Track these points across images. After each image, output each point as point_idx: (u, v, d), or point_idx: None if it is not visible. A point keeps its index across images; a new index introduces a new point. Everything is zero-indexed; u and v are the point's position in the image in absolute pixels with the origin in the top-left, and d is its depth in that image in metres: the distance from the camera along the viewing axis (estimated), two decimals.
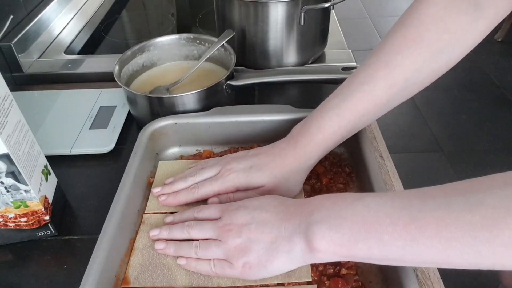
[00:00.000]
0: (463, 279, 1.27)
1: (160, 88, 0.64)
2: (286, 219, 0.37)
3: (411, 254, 0.30)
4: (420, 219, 0.29)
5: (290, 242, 0.36)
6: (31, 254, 0.47)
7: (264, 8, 0.66)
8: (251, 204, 0.40)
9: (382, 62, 0.42)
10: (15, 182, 0.43)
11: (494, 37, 2.39)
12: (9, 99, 0.42)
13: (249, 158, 0.46)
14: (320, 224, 0.34)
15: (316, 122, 0.45)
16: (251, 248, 0.37)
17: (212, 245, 0.40)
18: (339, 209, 0.33)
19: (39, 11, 0.82)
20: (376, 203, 0.32)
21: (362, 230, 0.31)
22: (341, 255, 0.33)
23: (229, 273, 0.39)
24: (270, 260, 0.37)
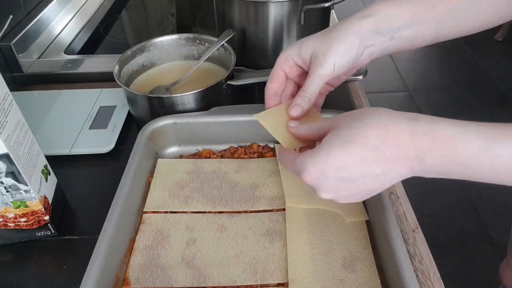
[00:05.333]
0: (463, 279, 1.27)
1: (160, 88, 0.64)
2: (389, 166, 0.32)
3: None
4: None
5: (394, 181, 0.34)
6: (31, 254, 0.47)
7: (264, 8, 0.66)
8: (350, 176, 0.34)
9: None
10: (15, 182, 0.43)
11: (494, 37, 2.39)
12: (9, 99, 0.42)
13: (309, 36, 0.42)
14: (438, 169, 0.31)
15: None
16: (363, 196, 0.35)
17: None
18: (462, 158, 0.30)
19: (38, 11, 0.82)
20: (510, 153, 0.29)
21: (490, 175, 0.30)
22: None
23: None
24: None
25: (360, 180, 0.33)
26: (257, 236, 0.46)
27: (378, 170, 0.32)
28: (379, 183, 0.33)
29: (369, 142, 0.32)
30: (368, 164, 0.32)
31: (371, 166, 0.32)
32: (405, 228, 0.49)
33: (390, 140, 0.31)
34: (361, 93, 0.70)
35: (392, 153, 0.32)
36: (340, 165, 0.33)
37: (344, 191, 0.34)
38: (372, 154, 0.32)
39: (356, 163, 0.32)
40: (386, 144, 0.31)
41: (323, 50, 0.40)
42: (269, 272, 0.42)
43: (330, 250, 0.44)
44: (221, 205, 0.49)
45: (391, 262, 0.40)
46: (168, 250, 0.44)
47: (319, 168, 0.33)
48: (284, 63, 0.42)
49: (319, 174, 0.34)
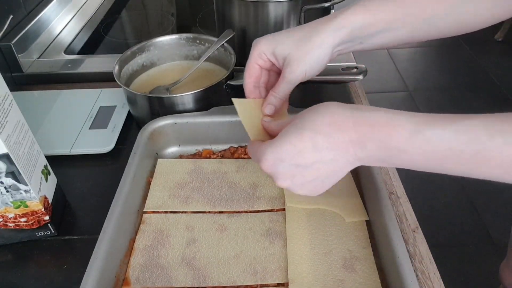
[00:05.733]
0: (463, 279, 1.27)
1: (160, 88, 0.64)
2: (337, 151, 0.35)
3: (469, 175, 0.31)
4: (486, 154, 0.29)
5: (345, 168, 0.36)
6: (31, 254, 0.47)
7: (264, 8, 0.66)
8: (299, 162, 0.36)
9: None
10: (15, 182, 0.43)
11: (494, 37, 2.39)
12: (9, 99, 0.42)
13: (282, 31, 0.45)
14: (376, 154, 0.33)
15: (359, 2, 0.42)
16: (315, 185, 0.37)
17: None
18: (396, 142, 0.32)
19: (38, 11, 0.82)
20: (438, 136, 0.31)
21: (422, 160, 0.32)
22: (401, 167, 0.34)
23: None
24: (329, 183, 0.37)
25: (313, 166, 0.35)
26: (257, 236, 0.46)
27: (329, 155, 0.34)
28: (330, 170, 0.35)
29: (319, 128, 0.34)
30: (320, 149, 0.34)
31: (322, 151, 0.34)
32: (405, 228, 0.49)
33: (337, 126, 0.34)
34: (361, 93, 0.70)
35: (339, 137, 0.34)
36: (294, 151, 0.35)
37: (299, 177, 0.36)
38: (322, 139, 0.34)
39: (308, 149, 0.34)
40: (333, 130, 0.34)
41: (297, 58, 0.42)
42: (269, 272, 0.42)
43: (330, 250, 0.44)
44: (221, 205, 0.49)
45: (391, 262, 0.40)
46: (168, 250, 0.44)
47: (276, 154, 0.36)
48: (258, 58, 0.45)
49: (276, 161, 0.36)
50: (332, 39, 0.42)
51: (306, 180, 0.36)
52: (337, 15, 0.42)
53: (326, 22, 0.42)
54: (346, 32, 0.42)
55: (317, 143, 0.34)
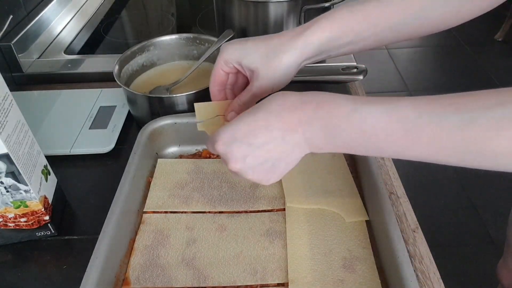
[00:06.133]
0: (463, 279, 1.27)
1: (160, 88, 0.64)
2: (286, 130, 0.36)
3: (403, 156, 0.33)
4: (414, 132, 0.31)
5: (295, 151, 0.37)
6: (31, 254, 0.47)
7: (264, 8, 0.66)
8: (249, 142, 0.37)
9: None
10: (15, 182, 0.43)
11: (494, 37, 2.39)
12: (9, 99, 0.42)
13: (247, 38, 0.45)
14: (320, 133, 0.35)
15: (326, 13, 0.43)
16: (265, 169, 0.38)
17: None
18: (336, 120, 0.34)
19: (39, 11, 0.82)
20: (372, 115, 0.33)
21: (360, 139, 0.34)
22: (344, 152, 0.36)
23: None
24: (280, 168, 0.38)
25: (265, 146, 0.36)
26: (257, 236, 0.46)
27: (279, 134, 0.36)
28: (280, 150, 0.36)
29: (271, 108, 0.36)
30: (271, 129, 0.36)
31: (273, 131, 0.36)
32: (405, 228, 0.49)
33: (287, 106, 0.36)
34: (361, 93, 0.70)
35: (288, 117, 0.35)
36: (248, 129, 0.36)
37: (250, 158, 0.37)
38: (274, 119, 0.36)
39: (261, 128, 0.36)
40: (284, 109, 0.36)
41: (264, 75, 0.43)
42: (269, 272, 0.42)
43: (330, 250, 0.44)
44: (221, 205, 0.49)
45: (391, 262, 0.40)
46: (168, 250, 0.44)
47: (230, 133, 0.37)
48: (224, 66, 0.46)
49: (229, 140, 0.37)
50: (299, 57, 0.43)
51: (258, 162, 0.37)
52: (305, 30, 0.42)
53: (293, 38, 0.43)
54: (314, 48, 0.43)
55: (269, 122, 0.36)
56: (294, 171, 0.52)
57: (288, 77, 0.44)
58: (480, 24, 2.68)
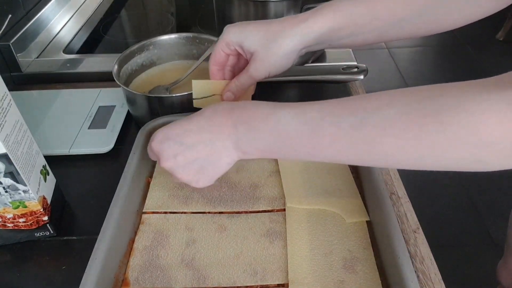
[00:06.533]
0: (464, 279, 1.27)
1: (159, 88, 0.63)
2: (215, 134, 0.39)
3: (314, 157, 0.36)
4: (318, 132, 0.34)
5: (223, 155, 0.39)
6: (30, 255, 0.47)
7: (264, 7, 0.66)
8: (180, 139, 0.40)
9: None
10: (13, 182, 0.42)
11: (496, 36, 2.39)
12: (8, 98, 0.42)
13: (249, 21, 0.46)
14: (244, 136, 0.37)
15: (330, 2, 0.43)
16: (193, 169, 0.40)
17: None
18: (257, 122, 0.37)
19: (37, 10, 0.82)
20: (285, 118, 0.35)
21: (277, 141, 0.36)
22: (268, 157, 0.39)
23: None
24: (213, 169, 0.41)
25: (195, 147, 0.39)
26: (257, 236, 0.45)
27: (208, 136, 0.38)
28: (209, 153, 0.39)
29: (205, 113, 0.39)
30: (202, 131, 0.38)
31: (203, 133, 0.38)
32: (406, 229, 0.48)
33: (218, 111, 0.38)
34: (361, 93, 0.70)
35: (218, 121, 0.38)
36: (181, 130, 0.39)
37: (181, 157, 0.39)
38: (205, 122, 0.38)
39: (193, 130, 0.39)
40: (215, 114, 0.38)
41: (262, 58, 0.44)
42: (269, 273, 0.42)
43: (330, 250, 0.43)
44: (221, 205, 0.49)
45: (392, 262, 0.40)
46: (168, 251, 0.44)
47: (165, 133, 0.40)
48: (225, 46, 0.47)
49: (163, 139, 0.40)
50: (299, 43, 0.43)
51: (188, 161, 0.39)
52: (307, 18, 0.42)
53: (294, 24, 0.43)
54: (314, 36, 0.43)
55: (200, 125, 0.38)
56: (294, 171, 0.52)
57: (286, 63, 0.45)
58: (481, 24, 2.67)
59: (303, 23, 0.42)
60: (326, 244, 0.44)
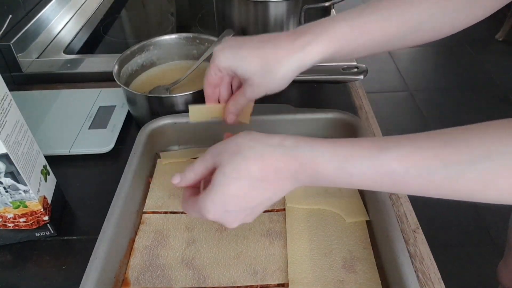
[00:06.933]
0: (463, 279, 1.27)
1: (159, 88, 0.63)
2: (276, 188, 0.36)
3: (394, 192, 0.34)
4: (403, 184, 0.32)
5: (286, 194, 0.37)
6: (30, 255, 0.47)
7: (264, 7, 0.66)
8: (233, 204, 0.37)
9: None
10: (14, 182, 0.42)
11: (495, 36, 2.39)
12: (8, 98, 0.42)
13: (240, 40, 0.44)
14: (308, 183, 0.36)
15: (325, 25, 0.42)
16: (251, 217, 0.39)
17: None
18: (324, 177, 0.34)
19: (38, 10, 0.82)
20: (360, 172, 0.33)
21: (352, 186, 0.35)
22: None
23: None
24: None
25: (259, 205, 0.37)
26: (257, 236, 0.46)
27: (269, 194, 0.36)
28: (273, 201, 0.37)
29: (254, 175, 0.35)
30: (260, 192, 0.36)
31: (263, 193, 0.36)
32: (406, 229, 0.49)
33: (269, 169, 0.35)
34: (361, 93, 0.70)
35: (274, 178, 0.35)
36: (237, 199, 0.36)
37: (248, 216, 0.38)
38: (260, 184, 0.35)
39: (250, 194, 0.36)
40: (268, 173, 0.35)
41: (260, 83, 0.43)
42: (269, 273, 0.42)
43: (330, 250, 0.43)
44: None
45: (391, 262, 0.40)
46: (168, 251, 0.44)
47: (220, 207, 0.36)
48: (218, 71, 0.45)
49: (222, 213, 0.37)
50: (295, 70, 0.43)
51: (256, 213, 0.38)
52: (303, 47, 0.41)
53: (291, 54, 0.42)
54: (310, 63, 0.43)
55: (257, 187, 0.36)
56: None
57: (283, 85, 0.44)
58: (481, 24, 2.66)
59: (300, 52, 0.41)
60: (326, 244, 0.44)
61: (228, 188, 0.35)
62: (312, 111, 0.56)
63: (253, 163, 0.35)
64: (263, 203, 0.37)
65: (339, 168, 0.33)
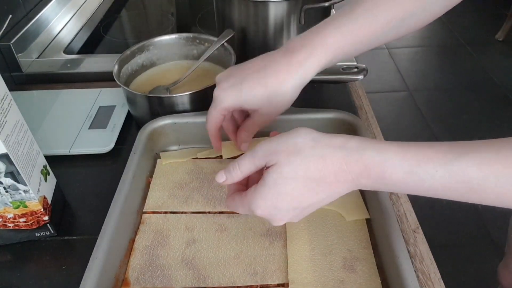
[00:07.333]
0: (463, 279, 1.27)
1: (159, 88, 0.63)
2: (332, 190, 0.35)
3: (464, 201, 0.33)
4: (479, 191, 0.31)
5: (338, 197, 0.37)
6: (30, 255, 0.47)
7: (264, 7, 0.66)
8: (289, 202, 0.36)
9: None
10: (14, 182, 0.42)
11: (495, 37, 2.39)
12: (8, 98, 0.42)
13: (237, 74, 0.44)
14: (369, 185, 0.35)
15: (317, 37, 0.43)
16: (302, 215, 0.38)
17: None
18: (391, 181, 0.33)
19: (38, 10, 0.82)
20: (432, 178, 0.31)
21: (414, 192, 0.33)
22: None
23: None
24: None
25: (310, 207, 0.37)
26: (257, 236, 0.46)
27: (324, 196, 0.36)
28: (324, 203, 0.37)
29: (313, 176, 0.34)
30: (315, 193, 0.35)
31: (318, 194, 0.36)
32: (406, 228, 0.49)
33: (329, 170, 0.34)
34: (361, 93, 0.70)
35: (332, 180, 0.35)
36: (289, 198, 0.35)
37: (296, 217, 0.38)
38: (316, 185, 0.35)
39: (304, 195, 0.35)
40: (326, 174, 0.34)
41: (269, 111, 0.44)
42: (269, 273, 0.42)
43: (330, 250, 0.43)
44: (221, 205, 0.49)
45: (391, 262, 0.40)
46: (168, 251, 0.44)
47: (271, 204, 0.36)
48: (224, 110, 0.45)
49: (271, 209, 0.36)
50: (299, 87, 0.44)
51: (304, 215, 0.38)
52: (301, 63, 0.42)
53: (291, 73, 0.42)
54: (311, 76, 0.44)
55: (313, 189, 0.35)
56: None
57: (290, 105, 0.45)
58: (480, 24, 2.68)
59: (299, 69, 0.42)
60: (326, 243, 0.44)
61: (283, 188, 0.35)
62: (312, 111, 0.56)
63: (313, 164, 0.34)
64: (315, 204, 0.37)
65: (410, 173, 0.32)
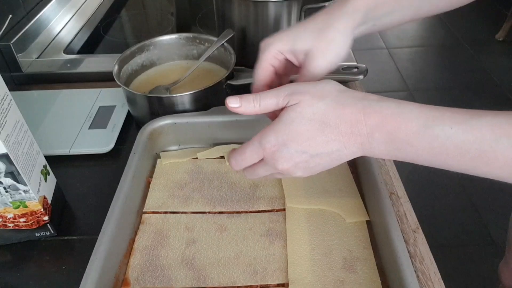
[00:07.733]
0: (463, 279, 1.27)
1: (159, 88, 0.63)
2: (344, 143, 0.35)
3: (471, 173, 0.32)
4: (490, 154, 0.30)
5: (350, 156, 0.36)
6: (30, 255, 0.47)
7: (264, 7, 0.66)
8: (299, 144, 0.35)
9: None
10: (14, 182, 0.42)
11: (495, 36, 2.39)
12: (8, 98, 0.42)
13: (292, 27, 0.43)
14: (384, 147, 0.34)
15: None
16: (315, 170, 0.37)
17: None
18: (404, 135, 0.33)
19: (38, 10, 0.82)
20: (446, 134, 0.31)
21: (427, 155, 0.33)
22: (394, 159, 0.36)
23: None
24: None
25: (319, 156, 0.35)
26: (257, 236, 0.46)
27: (335, 146, 0.35)
28: (333, 159, 0.36)
29: (328, 121, 0.34)
30: (327, 141, 0.35)
31: (328, 144, 0.35)
32: (406, 228, 0.49)
33: (346, 118, 0.34)
34: None
35: (347, 130, 0.34)
36: (301, 139, 0.35)
37: (302, 163, 0.36)
38: (332, 131, 0.34)
39: (317, 139, 0.35)
40: (343, 122, 0.34)
41: (321, 50, 0.41)
42: (269, 273, 0.42)
43: (330, 250, 0.43)
44: (221, 205, 0.49)
45: (391, 262, 0.40)
46: (168, 251, 0.44)
47: (281, 140, 0.35)
48: (273, 59, 0.42)
49: (280, 146, 0.35)
50: (351, 22, 0.41)
51: (309, 166, 0.36)
52: (344, 11, 0.41)
53: (340, 7, 0.41)
54: (361, 15, 0.41)
55: (326, 134, 0.34)
56: None
57: (345, 48, 0.42)
58: (480, 24, 2.68)
59: (347, 4, 0.40)
60: (326, 244, 0.44)
61: (298, 126, 0.35)
62: None
63: (332, 110, 0.34)
64: (323, 156, 0.35)
65: (425, 127, 0.32)
